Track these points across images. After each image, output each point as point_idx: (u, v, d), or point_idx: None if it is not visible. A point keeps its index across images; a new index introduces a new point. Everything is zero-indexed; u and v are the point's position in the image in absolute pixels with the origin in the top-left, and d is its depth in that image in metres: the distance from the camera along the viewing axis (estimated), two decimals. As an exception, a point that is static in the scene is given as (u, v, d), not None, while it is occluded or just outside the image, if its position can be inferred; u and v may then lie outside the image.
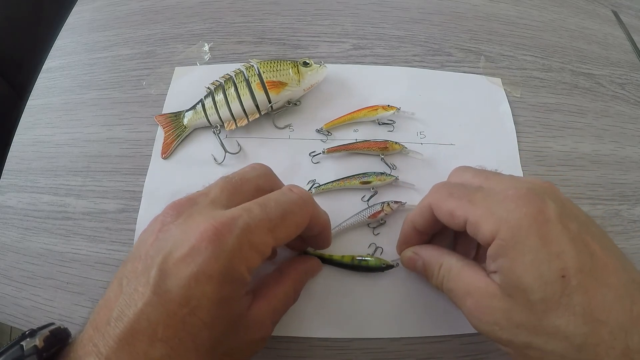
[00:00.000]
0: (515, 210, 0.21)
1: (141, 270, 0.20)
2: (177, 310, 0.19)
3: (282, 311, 0.26)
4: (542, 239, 0.20)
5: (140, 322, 0.19)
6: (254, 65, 0.37)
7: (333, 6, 0.46)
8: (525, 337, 0.20)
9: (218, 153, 0.36)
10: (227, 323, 0.21)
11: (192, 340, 0.19)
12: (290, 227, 0.23)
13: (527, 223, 0.20)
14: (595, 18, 0.49)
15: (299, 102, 0.38)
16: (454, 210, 0.23)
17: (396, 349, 0.30)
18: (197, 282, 0.19)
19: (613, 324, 0.18)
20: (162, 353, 0.19)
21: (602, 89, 0.43)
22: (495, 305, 0.21)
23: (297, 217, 0.23)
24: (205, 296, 0.19)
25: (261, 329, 0.24)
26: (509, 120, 0.39)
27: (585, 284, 0.19)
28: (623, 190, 0.37)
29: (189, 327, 0.19)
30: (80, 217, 0.34)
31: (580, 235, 0.20)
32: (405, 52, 0.43)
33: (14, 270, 0.33)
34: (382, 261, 0.31)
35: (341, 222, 0.33)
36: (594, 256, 0.20)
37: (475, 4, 0.48)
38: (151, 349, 0.19)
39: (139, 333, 0.19)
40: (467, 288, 0.23)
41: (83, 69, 0.42)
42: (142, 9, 0.46)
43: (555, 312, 0.19)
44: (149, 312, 0.19)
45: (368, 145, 0.36)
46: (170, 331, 0.19)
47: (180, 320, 0.19)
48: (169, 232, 0.21)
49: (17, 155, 0.38)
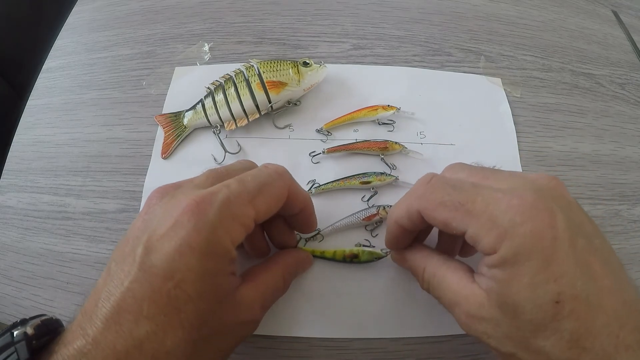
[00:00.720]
0: (521, 225, 0.19)
1: (128, 251, 0.20)
2: (162, 285, 0.19)
3: (270, 298, 0.26)
4: (545, 260, 0.19)
5: (126, 300, 0.19)
6: (254, 65, 0.37)
7: (333, 6, 0.46)
8: (511, 348, 0.20)
9: (218, 153, 0.36)
10: (213, 298, 0.21)
11: (177, 315, 0.19)
12: (269, 198, 0.23)
13: (532, 242, 0.19)
14: (595, 18, 0.49)
15: (299, 102, 0.38)
16: (449, 221, 0.22)
17: (396, 349, 0.30)
18: (181, 254, 0.19)
19: (597, 351, 0.18)
20: (147, 330, 0.18)
21: (602, 89, 0.43)
22: (484, 314, 0.21)
23: (274, 189, 0.24)
24: (189, 269, 0.19)
25: (249, 311, 0.23)
26: (509, 120, 0.39)
27: (578, 310, 0.18)
28: (623, 190, 0.37)
29: (174, 301, 0.19)
30: (80, 217, 0.34)
31: (584, 255, 0.19)
32: (405, 52, 0.43)
33: (14, 270, 0.33)
34: (374, 254, 0.31)
35: (334, 222, 0.33)
36: (592, 279, 0.19)
37: (475, 4, 0.48)
38: (137, 327, 0.18)
39: (125, 311, 0.19)
40: (454, 298, 0.23)
41: (83, 69, 0.42)
42: (142, 9, 0.46)
43: (542, 334, 0.19)
44: (135, 288, 0.19)
45: (368, 145, 0.36)
46: (156, 307, 0.19)
47: (165, 294, 0.19)
48: (153, 212, 0.22)
49: (17, 155, 0.38)
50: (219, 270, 0.21)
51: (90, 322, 0.19)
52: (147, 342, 0.18)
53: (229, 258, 0.21)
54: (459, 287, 0.22)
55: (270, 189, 0.23)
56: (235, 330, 0.23)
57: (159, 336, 0.19)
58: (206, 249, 0.20)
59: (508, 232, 0.19)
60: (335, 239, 0.33)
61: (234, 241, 0.21)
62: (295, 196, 0.25)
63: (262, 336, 0.30)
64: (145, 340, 0.18)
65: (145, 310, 0.19)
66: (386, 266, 0.32)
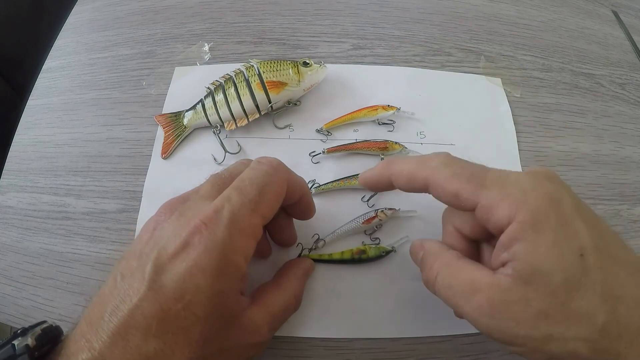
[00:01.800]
0: (533, 190, 0.20)
1: (136, 266, 0.20)
2: (172, 305, 0.19)
3: (281, 318, 0.25)
4: (561, 220, 0.20)
5: (135, 317, 0.19)
6: (254, 65, 0.37)
7: (333, 6, 0.46)
8: (546, 327, 0.19)
9: (218, 153, 0.36)
10: (220, 319, 0.21)
11: (185, 335, 0.19)
12: (271, 199, 0.23)
13: (546, 203, 0.20)
14: (595, 18, 0.49)
15: (299, 102, 0.38)
16: (460, 192, 0.21)
17: (396, 349, 0.30)
18: (192, 276, 0.20)
19: (628, 299, 0.18)
20: (155, 348, 0.19)
21: (602, 89, 0.43)
22: (511, 298, 0.20)
23: (274, 187, 0.23)
24: (199, 290, 0.20)
25: (257, 333, 0.23)
26: (509, 120, 0.39)
27: (601, 262, 0.19)
28: (623, 190, 0.37)
29: (183, 321, 0.19)
30: (80, 217, 0.34)
31: (590, 215, 0.20)
32: (405, 52, 0.43)
33: (14, 270, 0.33)
34: (382, 249, 0.31)
35: (335, 229, 0.33)
36: (603, 236, 0.20)
37: (475, 4, 0.48)
38: (145, 344, 0.19)
39: (133, 328, 0.19)
40: (474, 285, 0.21)
41: (83, 69, 0.42)
42: (142, 9, 0.46)
43: (577, 293, 0.19)
44: (144, 307, 0.19)
45: (368, 145, 0.36)
46: (164, 326, 0.19)
47: (174, 315, 0.19)
48: (162, 230, 0.22)
49: (17, 155, 0.38)
50: (228, 290, 0.21)
51: (96, 335, 0.19)
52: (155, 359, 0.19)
53: (240, 275, 0.21)
54: (480, 275, 0.21)
55: (270, 189, 0.23)
56: (242, 351, 0.23)
57: (167, 354, 0.19)
58: (217, 270, 0.20)
59: (521, 200, 0.20)
60: (336, 247, 0.33)
61: (246, 256, 0.22)
62: (293, 186, 0.25)
63: (262, 336, 0.30)
64: (152, 357, 0.19)
65: (153, 329, 0.19)
66: (386, 266, 0.32)
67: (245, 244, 0.22)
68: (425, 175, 0.23)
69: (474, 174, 0.22)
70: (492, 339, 0.21)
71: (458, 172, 0.22)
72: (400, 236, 0.32)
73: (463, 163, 0.23)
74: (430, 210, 0.33)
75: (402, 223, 0.34)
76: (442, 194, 0.22)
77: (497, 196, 0.20)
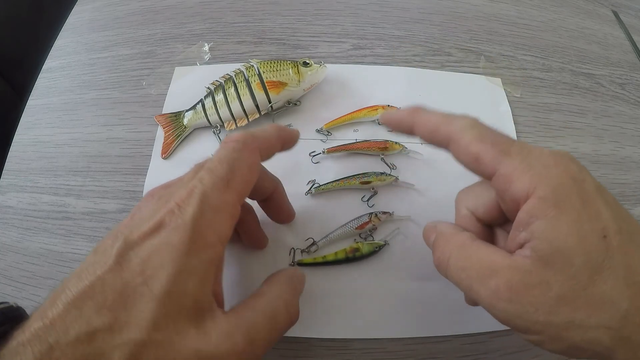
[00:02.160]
0: (555, 167, 0.19)
1: (109, 244, 0.20)
2: (132, 279, 0.18)
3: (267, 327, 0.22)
4: (583, 199, 0.19)
5: (94, 289, 0.18)
6: (254, 65, 0.37)
7: (333, 6, 0.46)
8: (566, 314, 0.18)
9: (218, 153, 0.36)
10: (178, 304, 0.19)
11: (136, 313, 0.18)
12: (245, 173, 0.23)
13: (569, 181, 0.19)
14: (595, 18, 0.49)
15: (299, 103, 0.38)
16: (481, 155, 0.21)
17: (396, 349, 0.30)
18: (158, 251, 0.19)
19: None
20: (104, 321, 0.18)
21: (602, 89, 0.43)
22: (531, 281, 0.18)
23: (245, 161, 0.23)
24: (162, 266, 0.19)
25: (225, 338, 0.20)
26: (509, 120, 0.39)
27: (624, 244, 0.18)
28: (623, 190, 0.37)
29: (138, 297, 0.18)
30: (80, 217, 0.34)
31: (611, 198, 0.20)
32: (405, 52, 0.43)
33: (14, 270, 0.33)
34: (375, 244, 0.31)
35: (328, 234, 0.33)
36: (625, 218, 0.19)
37: (475, 4, 0.48)
38: (96, 317, 0.18)
39: (90, 299, 0.18)
40: (491, 267, 0.20)
41: (83, 69, 0.42)
42: (142, 9, 0.46)
43: (600, 277, 0.18)
44: (106, 279, 0.19)
45: (368, 145, 0.36)
46: (120, 300, 0.18)
47: (132, 289, 0.18)
48: (140, 212, 0.22)
49: (17, 155, 0.38)
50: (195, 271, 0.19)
51: (53, 305, 0.18)
52: (100, 333, 0.18)
53: (211, 256, 0.20)
54: (497, 258, 0.20)
55: (241, 163, 0.22)
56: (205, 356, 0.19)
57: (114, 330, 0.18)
58: (186, 246, 0.19)
59: (543, 174, 0.19)
60: (329, 250, 0.32)
61: (220, 236, 0.21)
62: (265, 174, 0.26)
63: (262, 336, 0.30)
64: (99, 331, 0.18)
65: (109, 301, 0.18)
66: (386, 266, 0.32)
67: (219, 221, 0.21)
68: (450, 132, 0.22)
69: (499, 140, 0.21)
70: (508, 326, 0.20)
71: (484, 134, 0.21)
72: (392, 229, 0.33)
73: (490, 128, 0.22)
74: (424, 215, 0.34)
75: (394, 223, 0.34)
76: (463, 153, 0.22)
77: (518, 166, 0.20)
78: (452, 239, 0.23)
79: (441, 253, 0.23)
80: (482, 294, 0.20)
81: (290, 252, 0.32)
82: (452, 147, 0.22)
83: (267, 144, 0.25)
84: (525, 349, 0.30)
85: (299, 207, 0.34)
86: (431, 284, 0.32)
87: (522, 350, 0.30)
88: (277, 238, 0.33)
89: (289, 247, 0.32)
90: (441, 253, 0.23)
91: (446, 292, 0.31)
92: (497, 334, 0.30)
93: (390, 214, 0.33)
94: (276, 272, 0.26)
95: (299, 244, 0.33)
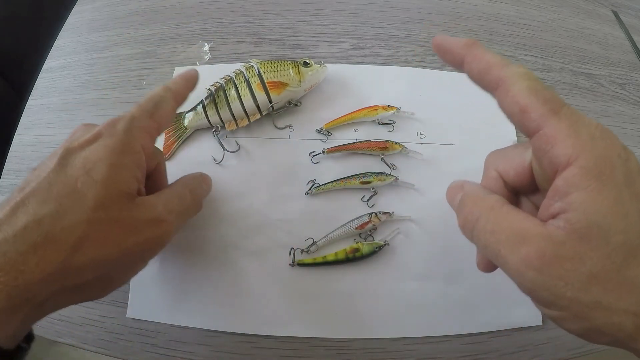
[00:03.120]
0: (602, 139, 0.18)
1: (50, 156, 0.24)
2: (75, 173, 0.22)
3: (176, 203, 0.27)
4: (627, 176, 0.18)
5: (41, 186, 0.22)
6: (254, 66, 0.37)
7: (333, 6, 0.46)
8: (595, 293, 0.17)
9: (218, 154, 0.36)
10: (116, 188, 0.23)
11: (79, 199, 0.22)
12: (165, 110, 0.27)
13: (614, 156, 0.18)
14: (595, 18, 0.49)
15: (300, 103, 0.38)
16: (529, 109, 0.19)
17: (396, 349, 0.30)
18: (97, 152, 0.23)
19: None
20: (50, 209, 0.21)
21: (602, 89, 0.43)
22: (564, 253, 0.17)
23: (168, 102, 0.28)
24: (100, 160, 0.23)
25: (151, 209, 0.25)
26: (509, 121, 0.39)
27: None
28: (623, 190, 0.37)
29: (81, 185, 0.22)
30: (80, 217, 0.34)
31: None
32: (405, 52, 0.43)
33: (14, 270, 0.33)
34: (375, 244, 0.31)
35: (328, 234, 0.33)
36: None
37: (475, 4, 0.48)
38: (41, 207, 0.21)
39: (36, 194, 0.21)
40: (522, 233, 0.19)
41: (83, 69, 0.42)
42: (142, 9, 0.46)
43: (634, 260, 0.17)
44: (50, 177, 0.22)
45: (368, 145, 0.36)
46: (64, 190, 0.22)
47: (74, 180, 0.22)
48: (77, 133, 0.25)
49: (17, 155, 0.38)
50: (127, 165, 0.24)
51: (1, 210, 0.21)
52: (47, 219, 0.21)
53: (137, 158, 0.25)
54: (529, 225, 0.19)
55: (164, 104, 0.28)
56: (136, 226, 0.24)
57: (60, 214, 0.21)
58: (119, 147, 0.24)
59: (589, 144, 0.18)
60: (329, 250, 0.33)
61: (144, 146, 0.25)
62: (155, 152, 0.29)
63: (262, 336, 0.30)
64: (46, 217, 0.21)
65: (54, 193, 0.21)
66: (386, 266, 0.32)
67: (143, 136, 0.25)
68: (502, 76, 0.20)
69: (553, 98, 0.19)
70: (532, 297, 0.19)
71: (538, 88, 0.20)
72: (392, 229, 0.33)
73: (545, 85, 0.20)
74: (424, 215, 0.34)
75: (394, 223, 0.34)
76: (510, 102, 0.20)
77: (565, 129, 0.18)
78: (481, 201, 0.21)
79: (469, 213, 0.21)
80: (511, 261, 0.19)
81: (290, 252, 0.32)
82: (500, 92, 0.21)
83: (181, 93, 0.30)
84: (525, 349, 0.30)
85: (299, 207, 0.34)
86: (431, 284, 0.32)
87: (521, 350, 0.30)
88: (277, 238, 0.33)
89: (289, 247, 0.33)
90: (469, 213, 0.21)
91: (446, 292, 0.32)
92: (497, 334, 0.31)
93: (391, 214, 0.33)
94: None
95: (299, 244, 0.33)
